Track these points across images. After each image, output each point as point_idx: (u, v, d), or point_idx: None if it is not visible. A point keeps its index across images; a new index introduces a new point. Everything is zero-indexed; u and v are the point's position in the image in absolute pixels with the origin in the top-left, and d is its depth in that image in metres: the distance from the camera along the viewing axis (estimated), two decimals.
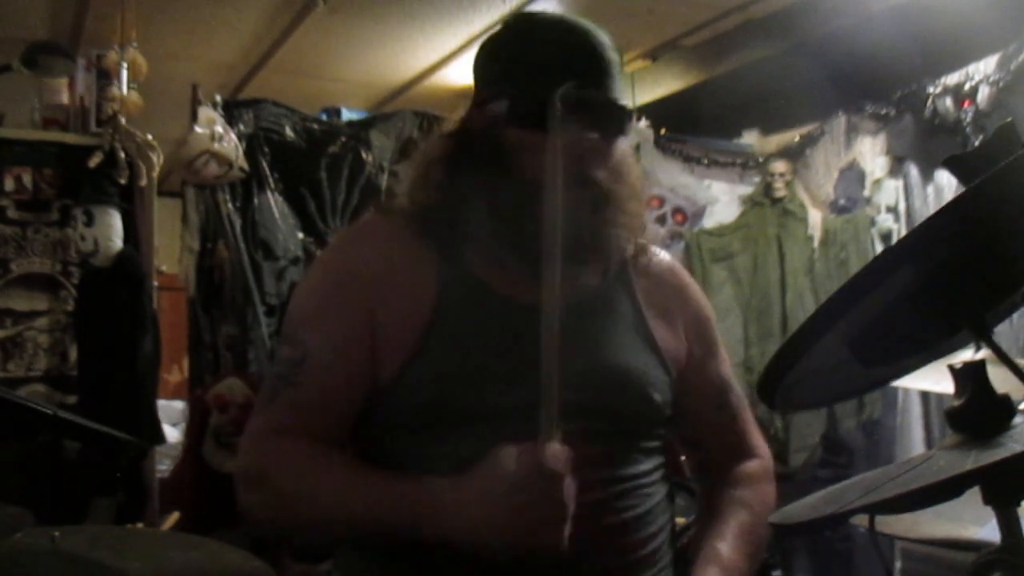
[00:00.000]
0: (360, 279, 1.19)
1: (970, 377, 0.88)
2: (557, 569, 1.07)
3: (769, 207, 3.81)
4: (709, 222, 3.90)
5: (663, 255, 1.36)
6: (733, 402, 1.33)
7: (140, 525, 2.75)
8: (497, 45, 1.24)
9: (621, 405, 1.20)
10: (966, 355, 0.95)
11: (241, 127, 3.12)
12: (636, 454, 1.21)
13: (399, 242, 1.21)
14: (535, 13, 1.28)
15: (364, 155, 3.35)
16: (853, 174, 3.62)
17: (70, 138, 2.98)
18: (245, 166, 3.05)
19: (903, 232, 3.39)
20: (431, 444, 1.16)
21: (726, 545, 1.20)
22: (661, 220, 3.78)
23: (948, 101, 3.20)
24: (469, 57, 1.71)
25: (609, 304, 1.25)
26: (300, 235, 3.23)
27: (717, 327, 1.38)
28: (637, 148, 3.68)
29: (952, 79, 3.20)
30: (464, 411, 1.15)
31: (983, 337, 0.88)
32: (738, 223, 3.88)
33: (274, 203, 3.18)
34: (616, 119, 1.19)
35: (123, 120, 2.92)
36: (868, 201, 3.54)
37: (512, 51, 1.21)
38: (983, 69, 3.13)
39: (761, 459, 1.35)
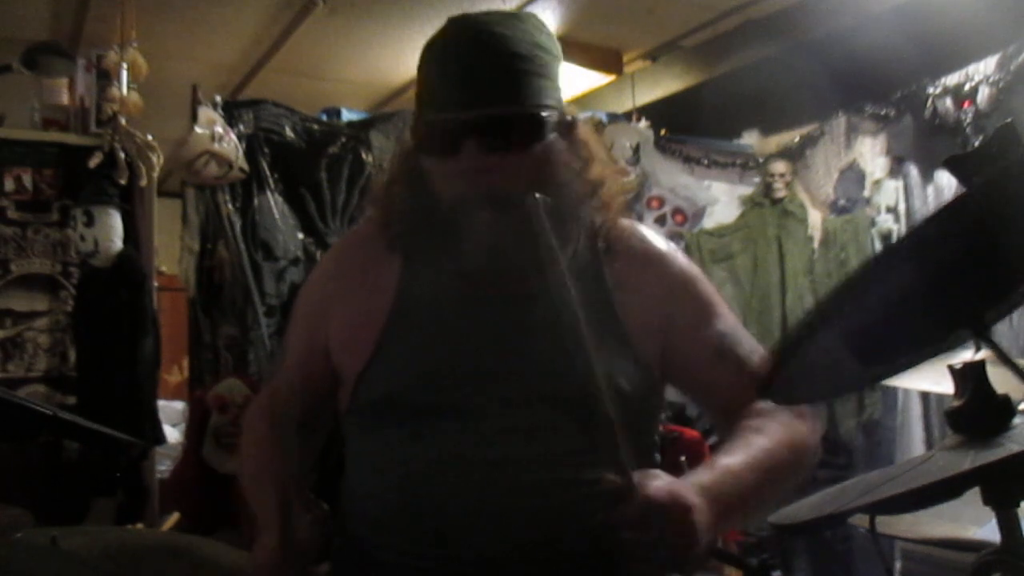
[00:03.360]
0: (329, 282, 1.31)
1: (970, 377, 0.88)
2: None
3: (769, 208, 3.81)
4: (709, 223, 3.90)
5: (635, 228, 1.29)
6: (738, 352, 1.24)
7: (140, 525, 2.74)
8: (420, 58, 1.21)
9: (582, 396, 1.09)
10: (966, 355, 0.95)
11: (241, 127, 3.12)
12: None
13: (369, 248, 1.28)
14: (450, 21, 1.22)
15: (364, 156, 3.35)
16: (853, 174, 3.61)
17: (70, 139, 2.98)
18: (245, 167, 3.04)
19: (903, 232, 3.38)
20: (388, 438, 1.18)
21: (728, 457, 1.11)
22: (661, 221, 3.78)
23: (948, 101, 3.19)
24: None
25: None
26: (300, 236, 3.22)
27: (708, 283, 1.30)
28: (637, 149, 3.68)
29: (952, 80, 3.20)
30: (416, 407, 1.16)
31: (983, 337, 0.88)
32: (738, 224, 3.88)
33: (274, 204, 3.18)
34: (515, 130, 1.13)
35: (123, 121, 2.92)
36: (868, 202, 3.54)
37: (419, 71, 1.19)
38: (983, 70, 3.13)
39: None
